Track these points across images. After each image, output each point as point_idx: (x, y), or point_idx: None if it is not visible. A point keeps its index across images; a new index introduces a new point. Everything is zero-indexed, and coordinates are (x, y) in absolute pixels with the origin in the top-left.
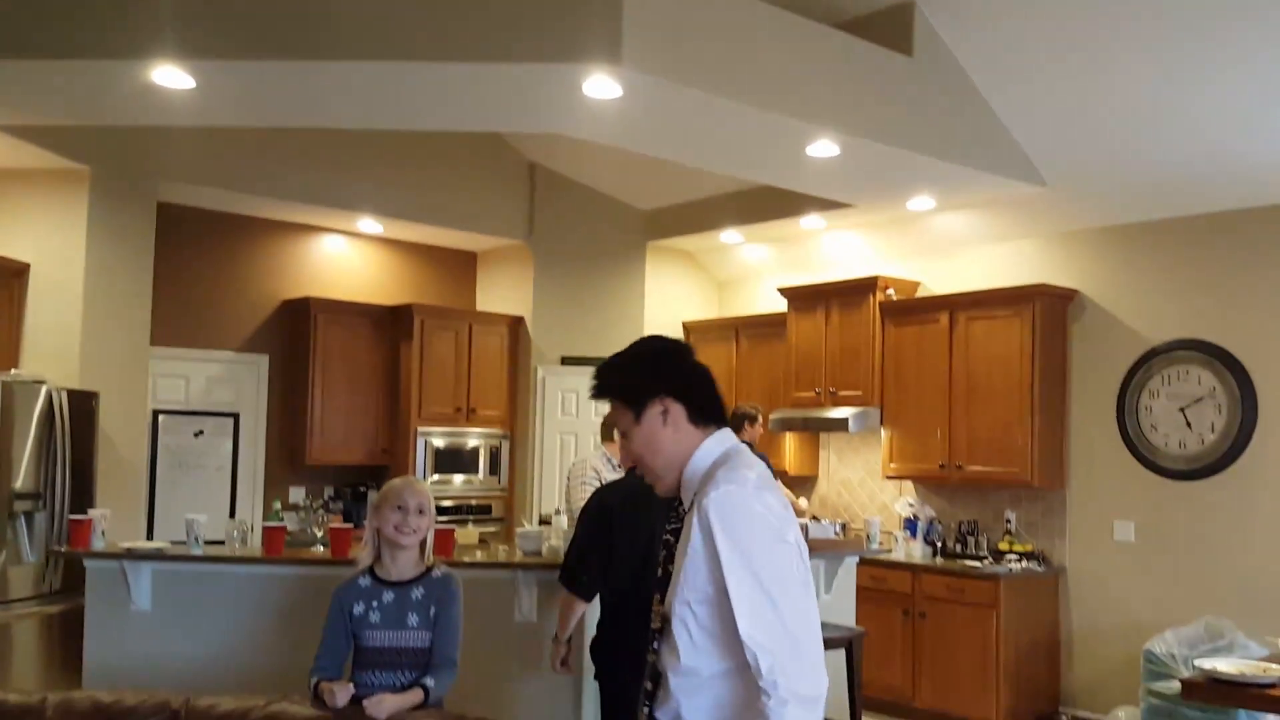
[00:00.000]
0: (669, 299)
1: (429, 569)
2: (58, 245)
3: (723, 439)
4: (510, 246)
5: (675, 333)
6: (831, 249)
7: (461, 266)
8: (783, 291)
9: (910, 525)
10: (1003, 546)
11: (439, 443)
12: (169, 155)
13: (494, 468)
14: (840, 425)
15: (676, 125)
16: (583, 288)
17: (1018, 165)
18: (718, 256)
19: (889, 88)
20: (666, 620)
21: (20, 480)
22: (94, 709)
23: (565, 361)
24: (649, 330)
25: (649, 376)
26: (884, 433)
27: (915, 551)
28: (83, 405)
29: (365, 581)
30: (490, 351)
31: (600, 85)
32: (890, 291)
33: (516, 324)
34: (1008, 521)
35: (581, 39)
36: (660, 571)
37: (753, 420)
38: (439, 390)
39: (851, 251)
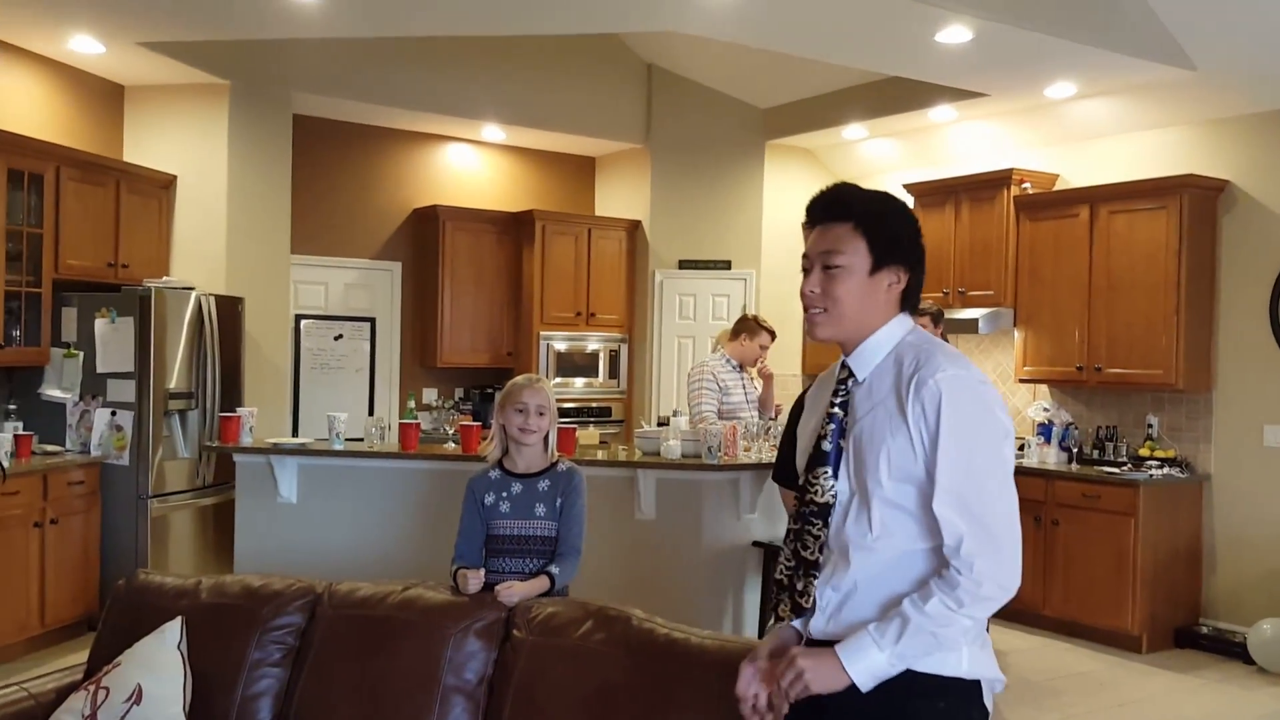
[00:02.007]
0: (789, 199)
1: (554, 463)
2: (202, 157)
3: (906, 323)
4: (628, 150)
5: (795, 234)
6: (961, 142)
7: (581, 171)
8: (909, 188)
9: (1044, 430)
10: (1143, 452)
11: (560, 346)
12: (302, 68)
13: (613, 371)
14: (970, 326)
15: (798, 16)
16: (700, 190)
17: (1164, 48)
18: (839, 153)
19: None
20: (853, 494)
21: (174, 380)
22: (244, 592)
23: (683, 265)
24: (768, 232)
25: (908, 239)
26: (1017, 334)
27: (1049, 457)
28: (229, 310)
29: (495, 474)
30: (609, 255)
31: None
32: (1026, 185)
33: (634, 228)
34: (1149, 426)
35: None
36: (826, 444)
37: (937, 319)
38: (560, 294)
39: (983, 144)
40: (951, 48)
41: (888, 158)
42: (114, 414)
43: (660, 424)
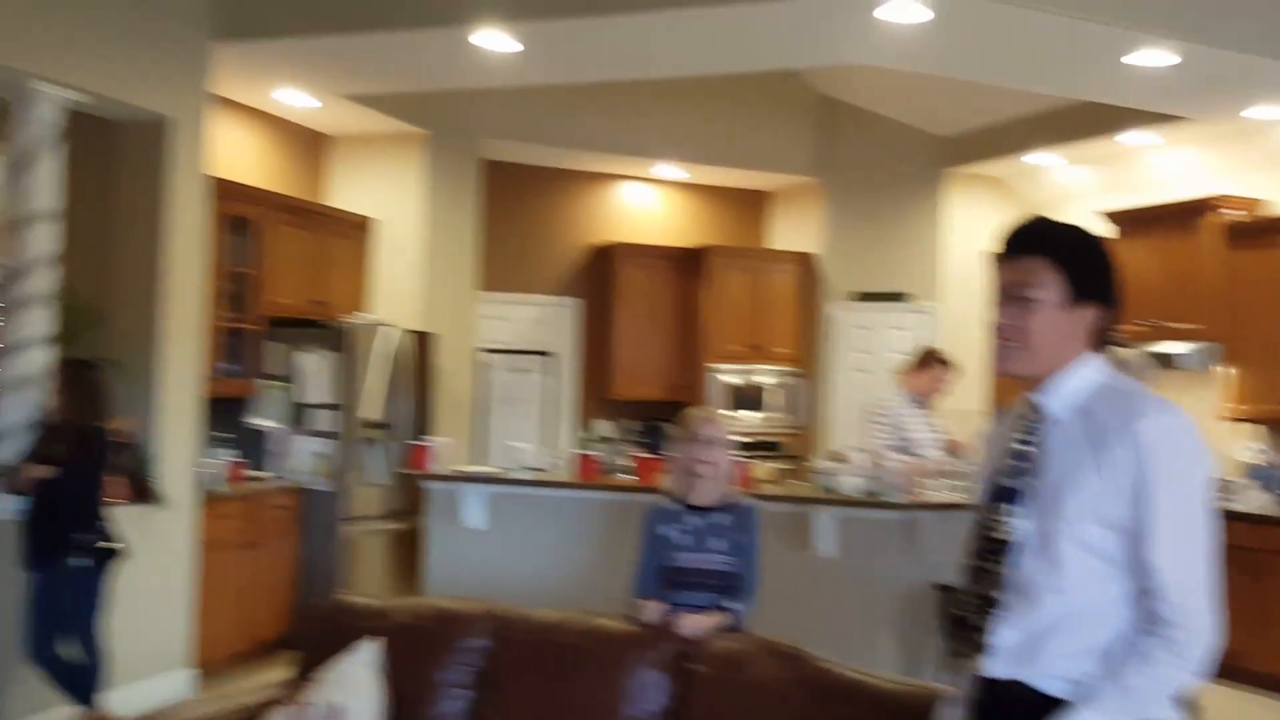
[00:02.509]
0: (969, 229)
1: (731, 497)
2: (398, 201)
3: (1101, 361)
4: (802, 183)
5: (979, 265)
6: (1159, 167)
7: (753, 206)
8: (1109, 216)
9: (1260, 474)
10: None
11: (732, 380)
12: (491, 115)
13: (786, 405)
14: (1171, 361)
15: (985, 43)
16: (876, 221)
17: None
18: (1025, 181)
19: None
20: (1038, 534)
21: (370, 411)
22: (435, 615)
23: (858, 298)
24: (947, 264)
25: (1105, 275)
26: (1224, 370)
27: (1263, 502)
28: (421, 345)
29: (673, 506)
30: (782, 289)
31: (902, 9)
32: (1231, 213)
33: (808, 261)
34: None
35: None
36: (1009, 481)
37: (1131, 362)
38: (732, 328)
39: (1182, 169)
40: (1146, 70)
41: (1078, 184)
42: (315, 442)
43: (836, 460)
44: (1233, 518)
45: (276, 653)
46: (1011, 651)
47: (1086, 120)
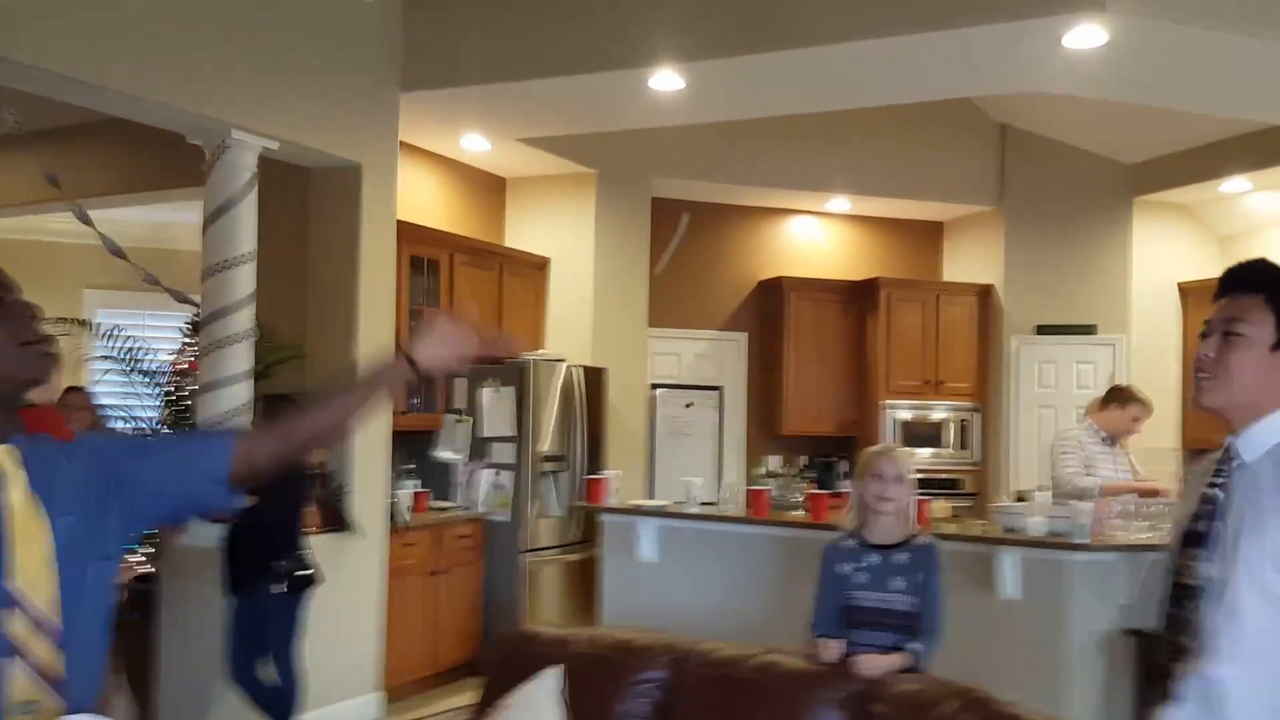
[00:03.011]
0: (1160, 259)
1: (912, 535)
2: (572, 240)
3: None
4: (979, 213)
5: (1169, 296)
6: None
7: (927, 237)
8: None
9: None
10: None
11: (905, 415)
12: (660, 154)
13: (963, 441)
14: None
15: (1171, 69)
16: (1059, 251)
17: None
18: (1219, 208)
19: None
20: (1223, 580)
21: (547, 444)
22: (615, 645)
23: (1041, 330)
24: (1139, 294)
25: None
26: None
27: None
28: (594, 379)
29: (851, 543)
30: (958, 322)
31: (1084, 34)
32: None
33: (986, 293)
34: None
35: None
36: (1200, 525)
37: None
38: (906, 363)
39: None
40: None
41: (1276, 211)
42: (497, 474)
43: (1018, 499)
44: None
45: (461, 678)
46: (1194, 706)
47: None
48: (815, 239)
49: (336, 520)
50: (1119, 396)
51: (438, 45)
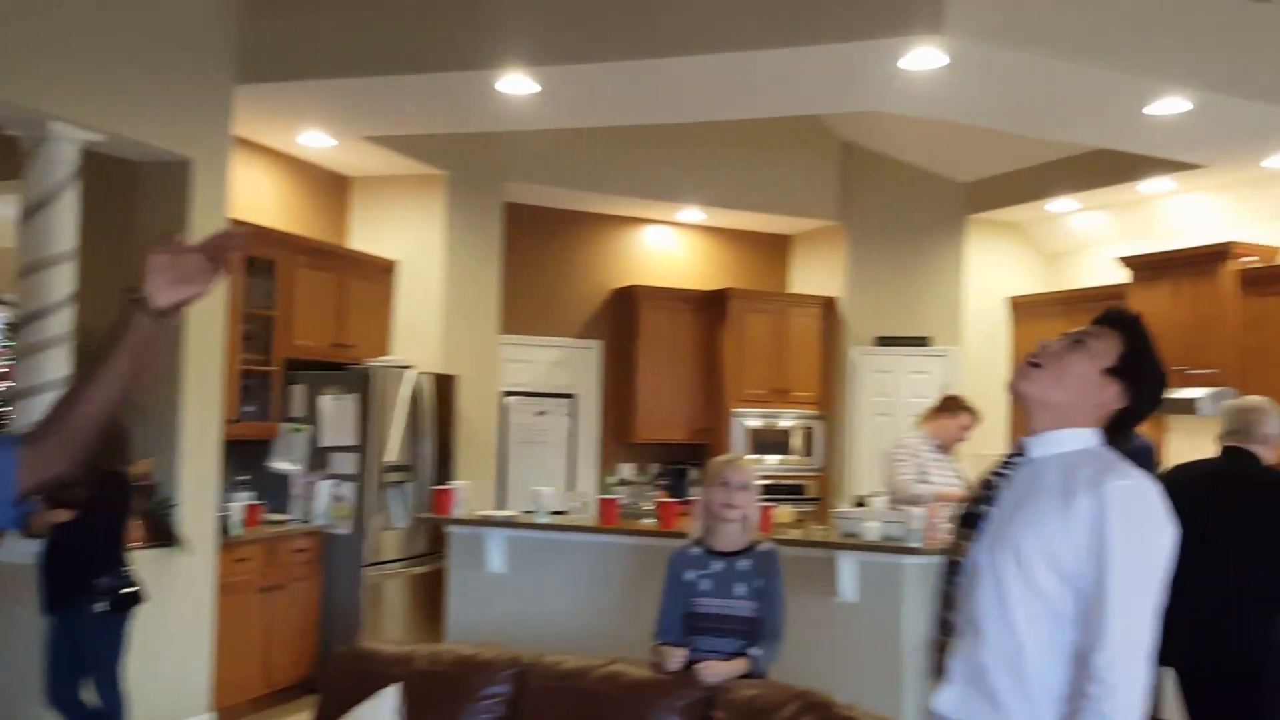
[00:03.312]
0: (991, 275)
1: (755, 543)
2: (420, 244)
3: (1099, 444)
4: (824, 228)
5: (999, 310)
6: (1177, 214)
7: (775, 249)
8: (1124, 261)
9: None
10: None
11: (754, 423)
12: (513, 157)
13: (808, 449)
14: (1189, 407)
15: (1004, 92)
16: (898, 266)
17: None
18: (1046, 227)
19: (1243, 36)
20: (990, 565)
21: (392, 454)
22: (457, 661)
23: (880, 342)
24: (971, 308)
25: (1155, 378)
26: None
27: None
28: (443, 388)
29: (696, 551)
30: (804, 333)
31: (921, 57)
32: (1248, 259)
33: (830, 305)
34: None
35: (903, 10)
36: (972, 508)
37: None
38: (754, 372)
39: (1200, 216)
40: (1166, 119)
41: (1098, 231)
42: (337, 485)
43: (857, 504)
44: None
45: (298, 697)
46: (956, 688)
47: (1107, 167)
48: (668, 248)
49: (163, 535)
50: (949, 406)
51: (277, 36)
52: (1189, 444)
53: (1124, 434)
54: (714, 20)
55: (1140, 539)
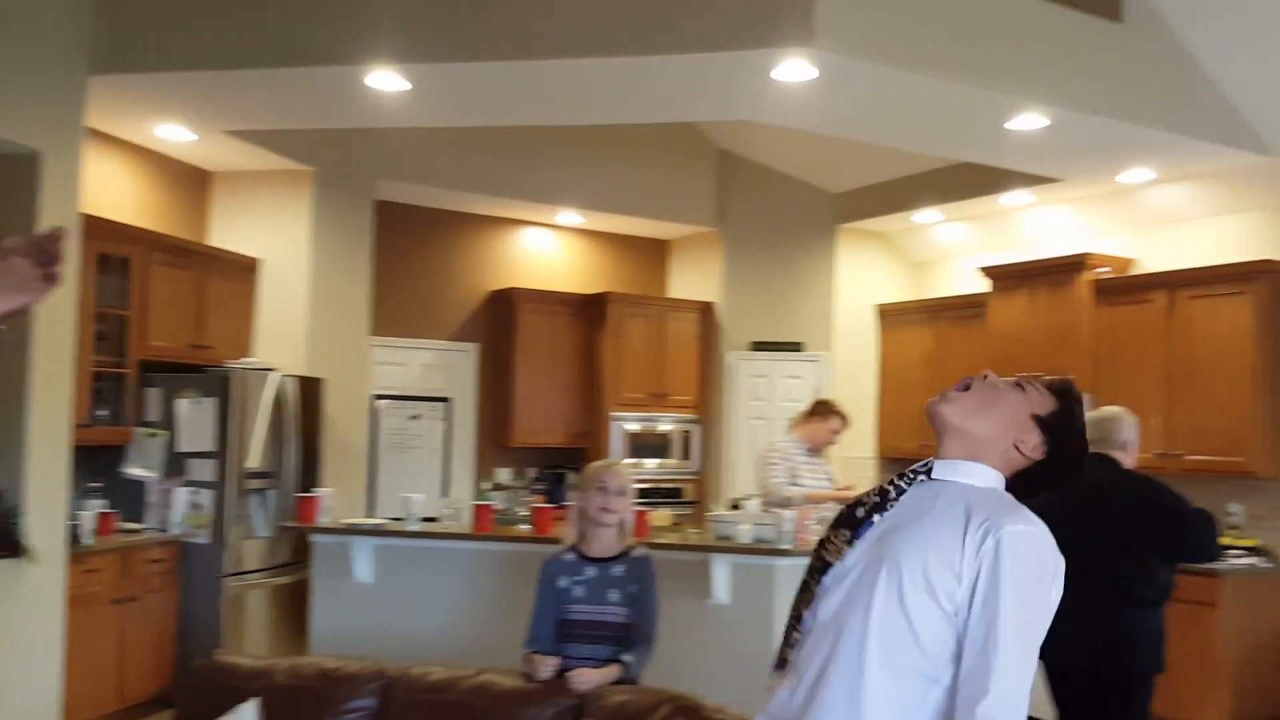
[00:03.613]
0: (861, 283)
1: (629, 548)
2: (285, 242)
3: (1002, 485)
4: (701, 233)
5: (869, 317)
6: (1036, 226)
7: (654, 254)
8: (985, 271)
9: None
10: (1225, 541)
11: (633, 427)
12: (385, 155)
13: (685, 452)
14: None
15: (872, 105)
16: (772, 273)
17: (1240, 133)
18: (912, 237)
19: (1098, 56)
20: (862, 572)
21: (254, 460)
22: (319, 675)
23: (755, 347)
24: (841, 315)
25: (1077, 445)
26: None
27: None
28: (309, 391)
29: (570, 557)
30: (682, 338)
31: (792, 69)
32: (1102, 270)
33: (707, 310)
34: (1231, 514)
35: (774, 23)
36: (860, 511)
37: None
38: (633, 376)
39: (1059, 228)
40: (1025, 134)
41: (961, 241)
42: (194, 493)
43: (732, 507)
44: None
45: (153, 713)
46: (798, 692)
47: (969, 180)
48: (547, 251)
49: (8, 545)
50: (820, 410)
51: (134, 25)
52: None
53: (1023, 493)
54: (586, 24)
55: (1033, 588)
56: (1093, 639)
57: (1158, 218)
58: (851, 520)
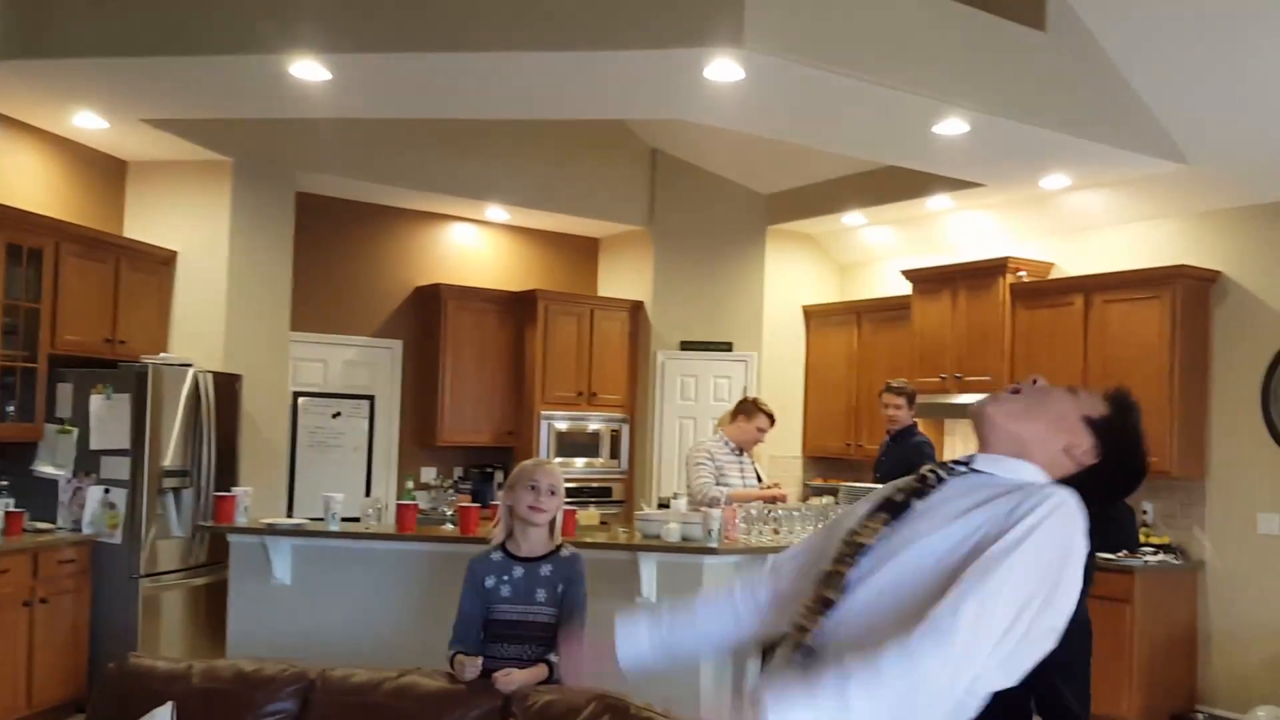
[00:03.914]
0: (789, 283)
1: (557, 548)
2: (203, 234)
3: (1047, 481)
4: (631, 232)
5: (795, 318)
6: (959, 230)
7: (584, 252)
8: (907, 274)
9: None
10: (1139, 538)
11: (561, 426)
12: (306, 147)
13: (614, 451)
14: (965, 412)
15: (800, 106)
16: (702, 273)
17: (1157, 142)
18: (839, 239)
19: (1021, 63)
20: (889, 554)
21: (169, 458)
22: (236, 677)
23: (685, 346)
24: (769, 316)
25: (1130, 450)
26: None
27: None
28: (227, 387)
29: (497, 556)
30: (611, 336)
31: (722, 69)
32: (1022, 273)
33: (637, 309)
34: (1144, 513)
35: (704, 22)
36: (899, 496)
37: (911, 400)
38: (562, 375)
39: (980, 232)
40: (948, 139)
41: (886, 244)
42: (107, 491)
43: (661, 505)
44: None
45: (65, 718)
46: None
47: (895, 184)
48: (475, 247)
49: None
50: (746, 409)
51: (46, 8)
52: (966, 446)
53: (1083, 493)
54: (514, 19)
55: (1049, 555)
56: None
57: (1076, 223)
58: (890, 505)
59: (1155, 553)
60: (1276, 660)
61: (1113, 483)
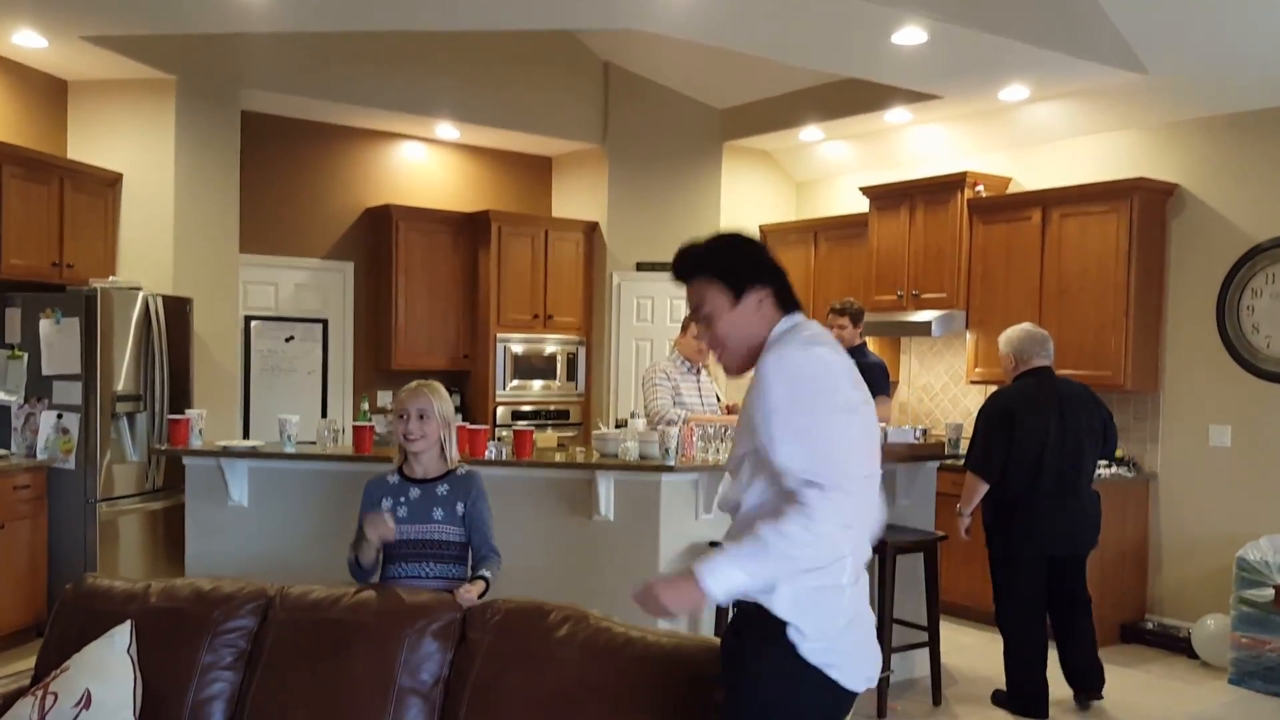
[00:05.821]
0: (745, 202)
1: (454, 468)
2: (148, 155)
3: (793, 317)
4: (585, 150)
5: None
6: (917, 145)
7: (537, 172)
8: (864, 191)
9: None
10: None
11: (517, 349)
12: (251, 63)
13: (571, 373)
14: (923, 329)
15: (753, 15)
16: (658, 192)
17: (1116, 51)
18: (796, 156)
19: None
20: (742, 456)
21: (121, 383)
22: (194, 596)
23: (640, 267)
24: None
25: (752, 262)
26: (969, 336)
27: None
28: (177, 311)
29: (394, 479)
30: (566, 258)
31: None
32: (979, 188)
33: (592, 229)
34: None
35: None
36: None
37: (856, 319)
38: (517, 297)
39: (938, 147)
40: (906, 49)
41: (843, 160)
42: (60, 417)
43: (618, 425)
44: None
45: (27, 641)
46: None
47: (853, 97)
48: (425, 167)
49: None
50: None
51: None
52: (921, 364)
53: (791, 301)
54: None
55: (789, 391)
56: (1085, 526)
57: (1034, 136)
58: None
59: (1108, 465)
60: (1224, 571)
61: (768, 266)
